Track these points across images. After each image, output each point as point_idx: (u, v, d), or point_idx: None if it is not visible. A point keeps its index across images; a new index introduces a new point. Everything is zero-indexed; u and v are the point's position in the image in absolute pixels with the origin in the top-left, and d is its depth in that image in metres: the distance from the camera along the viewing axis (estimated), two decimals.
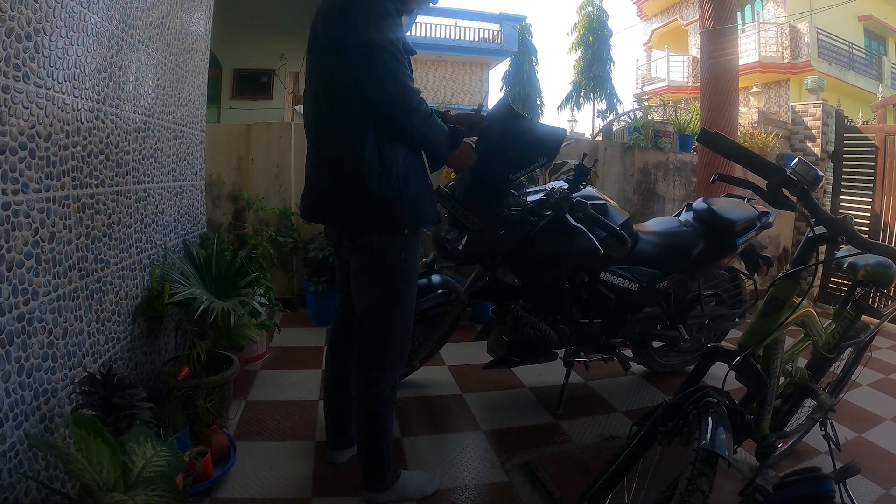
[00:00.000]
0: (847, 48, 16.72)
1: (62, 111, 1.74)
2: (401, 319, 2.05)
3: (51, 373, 1.67)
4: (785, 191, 1.46)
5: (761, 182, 1.52)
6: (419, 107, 1.86)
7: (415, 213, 1.96)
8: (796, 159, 1.48)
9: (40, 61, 1.59)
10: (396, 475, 2.11)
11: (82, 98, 1.87)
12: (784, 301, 1.55)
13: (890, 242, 5.47)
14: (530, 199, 2.65)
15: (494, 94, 18.83)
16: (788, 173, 1.45)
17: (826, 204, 6.07)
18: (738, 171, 4.19)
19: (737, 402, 1.52)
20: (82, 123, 1.87)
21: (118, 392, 1.61)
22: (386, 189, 1.87)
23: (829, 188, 6.12)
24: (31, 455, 1.54)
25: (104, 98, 2.03)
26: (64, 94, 1.74)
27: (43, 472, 1.61)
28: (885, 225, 5.52)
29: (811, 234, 1.54)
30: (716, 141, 1.48)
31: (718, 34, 4.95)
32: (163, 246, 2.67)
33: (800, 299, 1.59)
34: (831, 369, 2.34)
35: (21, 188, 1.52)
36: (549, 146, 2.42)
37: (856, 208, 5.86)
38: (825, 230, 1.47)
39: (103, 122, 2.03)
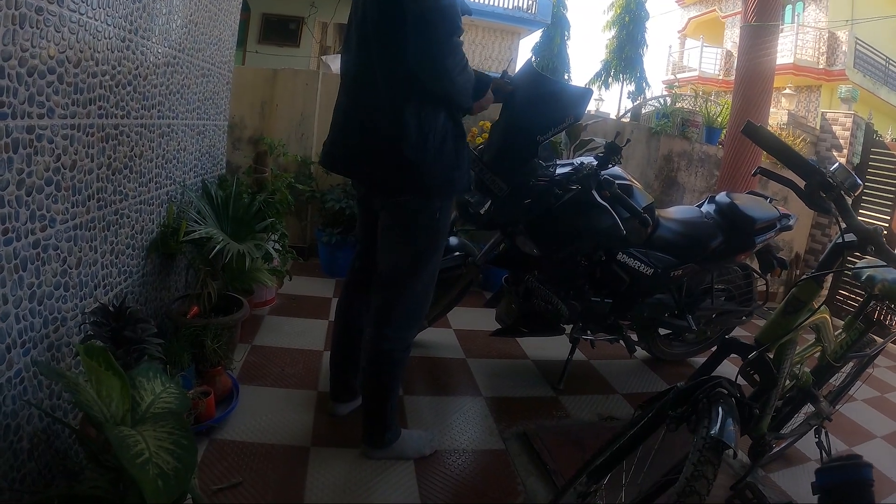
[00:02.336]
0: (884, 62, 16.31)
1: (94, 38, 1.71)
2: (423, 281, 2.04)
3: (62, 301, 1.67)
4: (822, 193, 1.44)
5: (799, 182, 1.50)
6: (454, 53, 1.77)
7: (448, 181, 1.92)
8: (837, 164, 1.46)
9: None
10: (397, 434, 2.12)
11: (114, 27, 1.83)
12: (806, 302, 1.54)
13: None
14: (558, 171, 2.62)
15: (522, 64, 18.55)
16: (828, 177, 1.43)
17: None
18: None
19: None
20: (112, 52, 1.84)
21: (129, 325, 1.60)
22: (421, 154, 1.83)
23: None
24: (36, 383, 1.54)
25: (136, 28, 2.00)
26: (97, 20, 1.71)
27: (46, 400, 1.61)
28: None
29: (840, 240, 1.52)
30: (759, 134, 1.45)
31: (760, 30, 4.82)
32: (182, 183, 2.66)
33: (819, 304, 1.58)
34: (831, 380, 2.34)
35: (47, 113, 1.50)
36: (576, 105, 2.42)
37: (874, 224, 5.80)
38: (854, 238, 1.45)
39: (133, 53, 2.00)
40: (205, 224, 2.49)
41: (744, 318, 3.53)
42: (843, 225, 1.49)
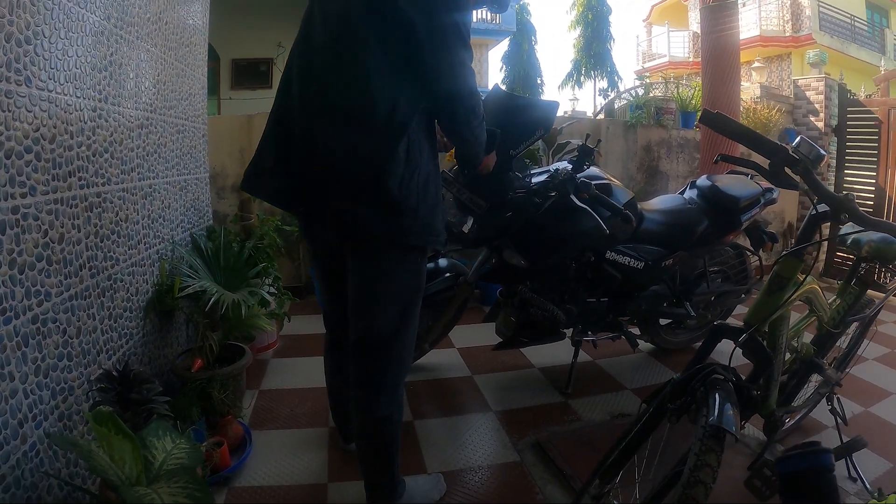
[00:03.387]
0: (849, 21, 16.56)
1: (65, 112, 1.75)
2: (409, 337, 1.82)
3: (67, 371, 1.70)
4: (787, 170, 1.46)
5: (764, 161, 1.53)
6: (479, 108, 1.69)
7: (428, 230, 1.68)
8: (799, 138, 1.48)
9: (41, 64, 1.60)
10: (403, 486, 1.94)
11: (84, 98, 1.88)
12: (788, 278, 1.56)
13: (893, 215, 5.48)
14: (535, 180, 2.65)
15: (494, 75, 18.68)
16: (791, 152, 1.45)
17: (830, 179, 6.06)
18: (741, 149, 4.19)
19: (744, 378, 1.54)
20: (86, 123, 1.88)
21: (135, 387, 1.63)
22: (405, 193, 1.59)
23: (834, 163, 6.10)
24: (52, 453, 1.58)
25: (106, 96, 2.04)
26: (66, 95, 1.75)
27: (64, 469, 1.64)
28: (890, 199, 5.52)
29: (814, 211, 1.54)
30: (718, 121, 1.48)
31: (719, 9, 4.92)
32: (170, 240, 2.69)
33: (804, 276, 1.61)
34: (837, 344, 2.36)
35: (29, 191, 1.53)
36: (544, 117, 2.47)
37: (860, 182, 5.86)
38: (828, 208, 1.48)
39: (106, 121, 2.04)
40: (198, 278, 2.52)
41: (743, 296, 3.55)
42: (815, 197, 1.52)
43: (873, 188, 5.71)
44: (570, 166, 2.60)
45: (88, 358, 1.84)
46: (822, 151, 1.46)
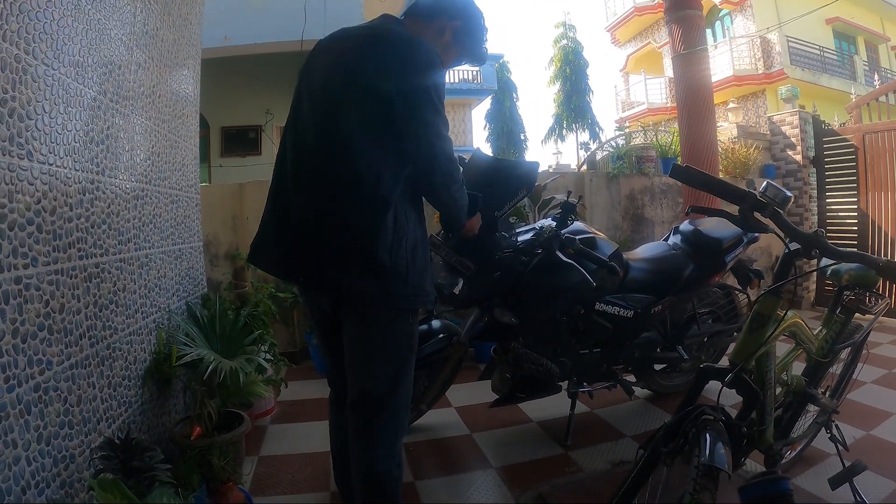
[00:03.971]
0: (818, 52, 17.06)
1: (65, 185, 1.81)
2: (406, 391, 1.86)
3: (68, 439, 1.71)
4: (757, 214, 1.53)
5: (734, 208, 1.59)
6: (457, 173, 1.77)
7: (418, 292, 1.76)
8: (765, 182, 1.56)
9: (42, 138, 1.67)
10: None
11: (82, 170, 1.94)
12: (769, 316, 1.61)
13: (877, 238, 5.61)
14: (521, 238, 2.73)
15: (478, 133, 19.06)
16: (758, 197, 1.51)
17: (813, 209, 6.22)
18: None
19: (734, 415, 1.57)
20: (84, 195, 1.94)
21: (137, 455, 1.64)
22: (395, 260, 1.67)
23: (815, 193, 6.27)
24: None
25: (102, 169, 2.11)
26: (65, 168, 1.81)
27: None
28: (873, 222, 5.65)
29: (787, 250, 1.62)
30: (686, 174, 1.55)
31: (689, 56, 5.14)
32: (167, 309, 2.72)
33: (784, 312, 1.66)
34: (831, 371, 2.40)
35: (31, 262, 1.58)
36: (526, 178, 2.56)
37: (842, 209, 6.03)
38: (799, 245, 1.55)
39: (103, 193, 2.10)
40: (194, 346, 2.53)
41: (735, 334, 3.59)
42: (787, 238, 1.58)
43: (856, 213, 5.86)
44: (555, 223, 2.67)
45: (89, 426, 1.85)
46: (788, 194, 1.54)
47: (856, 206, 5.88)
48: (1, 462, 1.38)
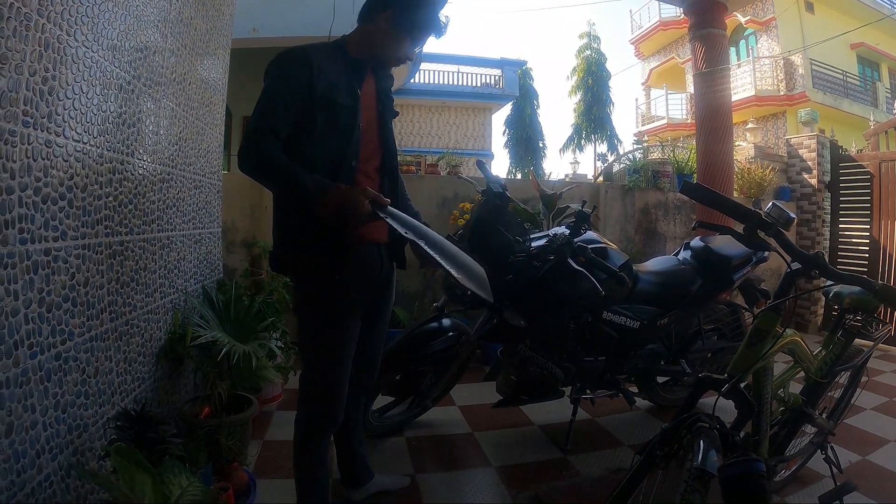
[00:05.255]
0: (841, 77, 16.95)
1: (97, 164, 1.88)
2: (314, 362, 1.96)
3: (83, 409, 1.78)
4: (761, 233, 1.58)
5: (741, 227, 1.64)
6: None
7: (296, 261, 1.92)
8: (770, 203, 1.60)
9: (78, 118, 1.74)
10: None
11: (114, 151, 2.01)
12: (768, 332, 1.65)
13: (888, 266, 5.60)
14: (534, 244, 2.78)
15: (497, 138, 19.09)
16: (763, 216, 1.56)
17: (825, 233, 6.21)
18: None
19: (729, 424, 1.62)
20: (114, 175, 2.02)
21: (151, 427, 1.71)
22: (277, 231, 1.96)
23: (829, 218, 6.26)
24: (64, 486, 1.64)
25: (132, 151, 2.18)
26: (98, 147, 1.89)
27: (74, 502, 1.70)
28: (884, 249, 5.64)
29: (789, 269, 1.66)
30: (696, 191, 1.60)
31: (710, 75, 5.17)
32: (184, 291, 2.79)
33: (783, 329, 1.70)
34: (829, 394, 2.43)
35: (61, 235, 1.66)
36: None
37: (855, 235, 6.00)
38: (800, 266, 1.60)
39: (132, 174, 2.18)
40: (209, 328, 2.60)
41: None
42: (788, 257, 1.63)
43: (868, 240, 5.84)
44: (568, 231, 2.73)
45: (104, 398, 1.92)
46: (792, 215, 1.59)
47: (868, 233, 5.87)
48: (19, 425, 1.45)
